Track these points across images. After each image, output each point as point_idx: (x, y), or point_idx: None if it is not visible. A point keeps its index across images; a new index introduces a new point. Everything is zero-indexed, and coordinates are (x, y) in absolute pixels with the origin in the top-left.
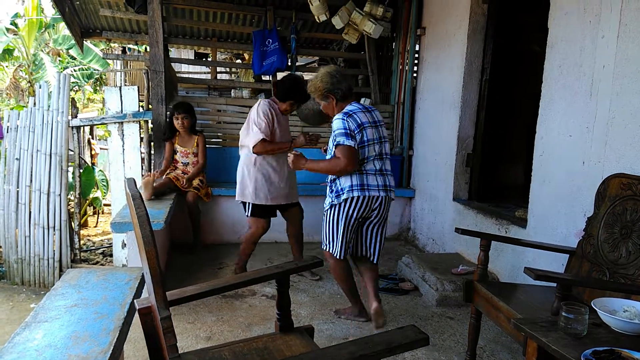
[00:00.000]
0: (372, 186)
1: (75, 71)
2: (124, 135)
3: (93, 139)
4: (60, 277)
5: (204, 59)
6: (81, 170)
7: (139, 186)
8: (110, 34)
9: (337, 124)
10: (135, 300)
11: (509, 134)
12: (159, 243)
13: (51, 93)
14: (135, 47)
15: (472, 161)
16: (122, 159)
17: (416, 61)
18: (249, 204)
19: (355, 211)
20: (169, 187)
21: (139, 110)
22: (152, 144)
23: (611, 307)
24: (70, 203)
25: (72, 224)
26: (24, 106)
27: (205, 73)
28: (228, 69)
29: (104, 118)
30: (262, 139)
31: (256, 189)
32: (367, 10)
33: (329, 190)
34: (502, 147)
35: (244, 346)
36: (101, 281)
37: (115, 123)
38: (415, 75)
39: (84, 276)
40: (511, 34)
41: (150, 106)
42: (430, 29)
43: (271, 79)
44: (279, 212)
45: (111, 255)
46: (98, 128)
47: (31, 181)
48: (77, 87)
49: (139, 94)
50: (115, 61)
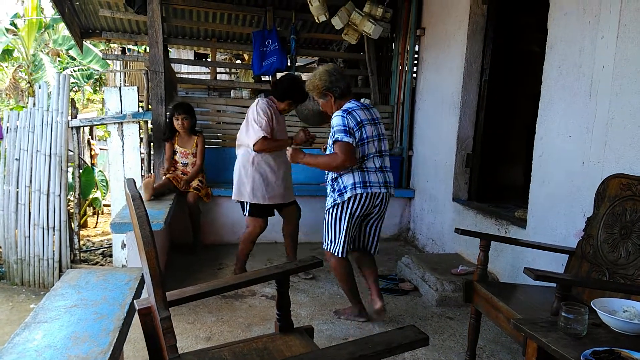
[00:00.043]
0: (374, 183)
1: (74, 72)
2: (123, 136)
3: (93, 139)
4: (59, 278)
5: (203, 59)
6: (81, 171)
7: (138, 187)
8: (109, 35)
9: (337, 120)
10: (135, 301)
11: (509, 135)
12: (159, 243)
13: (51, 93)
14: (135, 47)
15: (471, 161)
16: (122, 160)
17: (416, 62)
18: (246, 203)
19: (358, 209)
20: (169, 187)
21: (138, 111)
22: (151, 144)
23: (611, 307)
24: (69, 203)
25: (72, 224)
26: (23, 106)
27: (204, 73)
28: (228, 70)
29: (103, 118)
30: (263, 136)
31: (254, 189)
32: (366, 10)
33: (330, 189)
34: (502, 148)
35: (243, 346)
36: (101, 282)
37: (114, 123)
38: (414, 75)
39: (84, 277)
40: (511, 35)
41: (149, 107)
42: (429, 30)
43: (271, 79)
44: (276, 211)
45: (111, 256)
46: (98, 128)
47: (31, 181)
48: (76, 87)
49: (138, 95)
50: (114, 62)
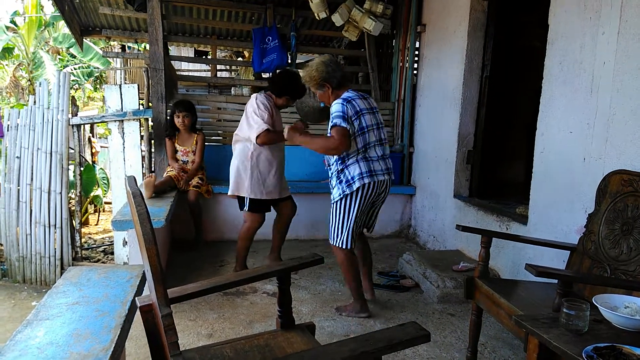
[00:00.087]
0: (379, 171)
1: (75, 69)
2: (124, 134)
3: (93, 137)
4: (61, 275)
5: (203, 56)
6: (82, 169)
7: (139, 185)
8: (109, 32)
9: (336, 107)
10: (136, 298)
11: (510, 131)
12: (160, 241)
13: (51, 91)
14: (135, 45)
15: (472, 158)
16: (123, 157)
17: (416, 58)
18: (246, 198)
19: (367, 197)
20: (170, 185)
21: (139, 109)
22: (152, 141)
23: (612, 303)
24: (71, 201)
25: (73, 222)
26: (24, 105)
27: (205, 71)
28: (228, 67)
29: (104, 116)
30: (266, 129)
31: (252, 184)
32: (367, 7)
33: (336, 180)
34: (503, 144)
35: (245, 343)
36: (102, 279)
37: (115, 121)
38: (415, 72)
39: (85, 274)
40: (511, 31)
41: (150, 104)
42: (430, 26)
43: (271, 76)
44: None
45: (112, 253)
46: (98, 126)
47: (32, 179)
48: (77, 85)
49: (139, 92)
50: (115, 59)
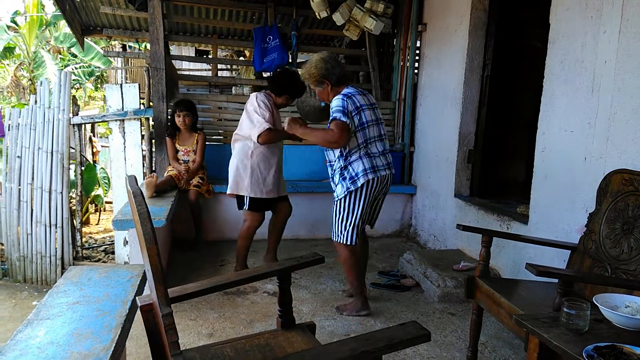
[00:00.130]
0: (381, 167)
1: (76, 69)
2: (125, 133)
3: (94, 136)
4: (62, 275)
5: (204, 56)
6: (83, 168)
7: (140, 184)
8: (110, 32)
9: (336, 102)
10: (137, 298)
11: (510, 130)
12: (161, 240)
13: (52, 91)
14: (136, 44)
15: (473, 157)
16: (124, 157)
17: (417, 57)
18: (246, 197)
19: (371, 193)
20: (170, 184)
21: (140, 108)
22: (153, 141)
23: (613, 302)
24: (72, 201)
25: (74, 221)
26: (25, 104)
27: (206, 70)
28: (229, 66)
29: (105, 116)
30: (268, 128)
31: (252, 182)
32: (367, 6)
33: (339, 177)
34: (504, 143)
35: (245, 343)
36: (103, 278)
37: (116, 121)
38: (416, 71)
39: (86, 273)
40: (512, 30)
41: (151, 103)
42: (431, 25)
43: (271, 75)
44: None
45: (113, 253)
46: (99, 126)
47: (33, 179)
48: (78, 85)
49: (139, 92)
50: (115, 59)
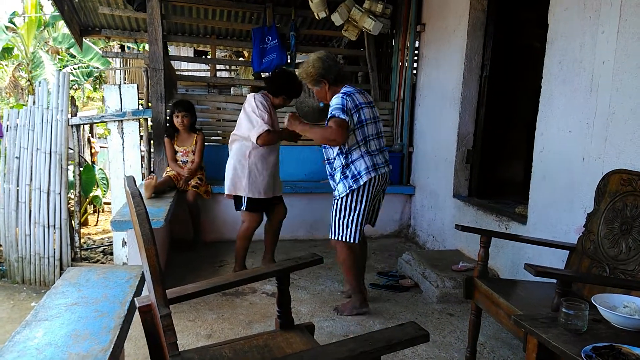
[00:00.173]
0: (380, 164)
1: (74, 69)
2: (123, 134)
3: (93, 137)
4: (60, 276)
5: (203, 56)
6: (81, 169)
7: (138, 185)
8: (109, 32)
9: (336, 100)
10: (135, 299)
11: (509, 131)
12: (159, 241)
13: (50, 91)
14: (134, 45)
15: (472, 158)
16: (122, 157)
17: (416, 58)
18: (244, 198)
19: (373, 191)
20: (169, 185)
21: (138, 109)
22: (151, 142)
23: (611, 303)
24: (70, 201)
25: (73, 222)
26: (23, 105)
27: (204, 71)
28: (227, 67)
29: (103, 116)
30: (267, 129)
31: (250, 183)
32: (366, 6)
33: (340, 176)
34: (502, 144)
35: (244, 344)
36: (101, 279)
37: (114, 121)
38: (415, 72)
39: (84, 274)
40: (511, 30)
41: (149, 104)
42: (430, 26)
43: (268, 76)
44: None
45: (111, 254)
46: (98, 126)
47: (31, 180)
48: (76, 85)
49: (138, 92)
50: (114, 59)
